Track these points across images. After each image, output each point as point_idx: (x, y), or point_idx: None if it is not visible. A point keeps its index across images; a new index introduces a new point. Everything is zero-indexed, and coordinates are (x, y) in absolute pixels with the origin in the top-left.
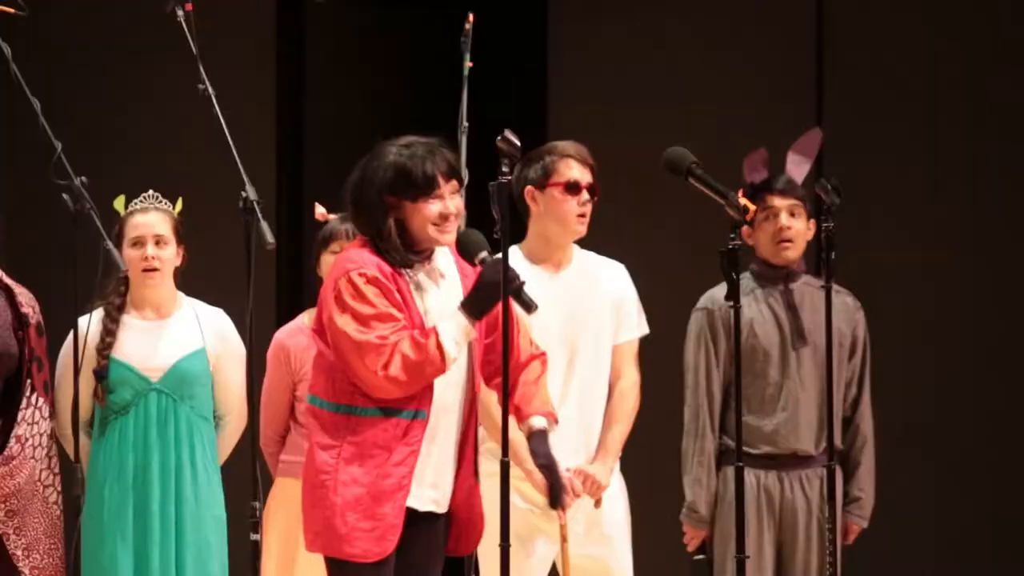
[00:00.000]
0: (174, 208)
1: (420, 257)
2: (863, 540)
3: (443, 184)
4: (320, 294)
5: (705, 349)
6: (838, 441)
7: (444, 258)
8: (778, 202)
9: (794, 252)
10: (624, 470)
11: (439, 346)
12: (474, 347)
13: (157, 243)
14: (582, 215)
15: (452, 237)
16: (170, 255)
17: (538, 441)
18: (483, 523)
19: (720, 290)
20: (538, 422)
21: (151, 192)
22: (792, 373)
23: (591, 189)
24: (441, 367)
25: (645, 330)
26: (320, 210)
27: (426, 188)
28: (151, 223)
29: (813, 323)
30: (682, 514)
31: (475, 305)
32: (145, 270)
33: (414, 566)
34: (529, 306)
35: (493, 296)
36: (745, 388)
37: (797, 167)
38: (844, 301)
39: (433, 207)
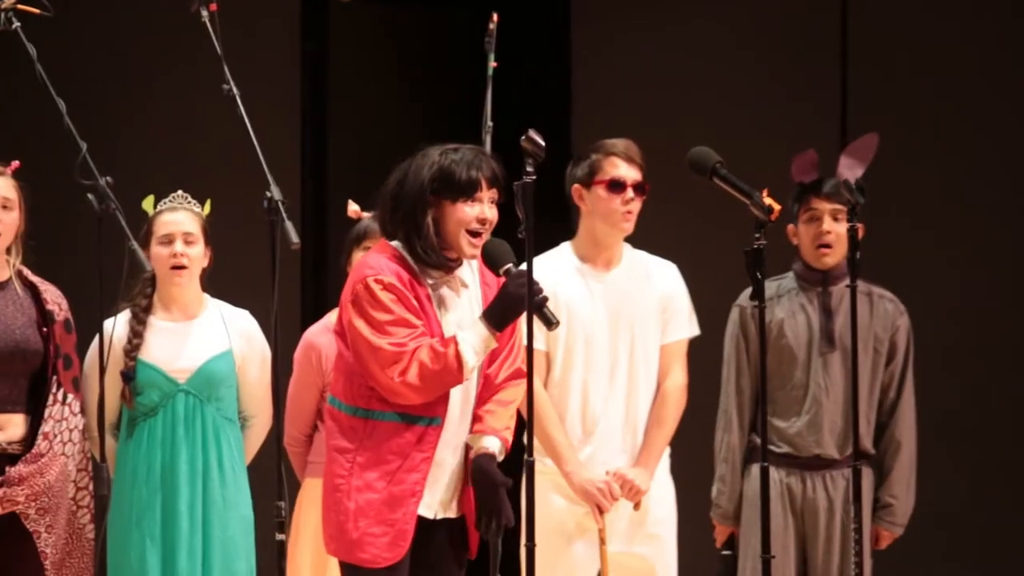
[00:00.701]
0: (203, 209)
1: (446, 263)
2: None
3: (484, 189)
4: (341, 296)
5: (736, 346)
6: (870, 446)
7: (466, 267)
8: (822, 206)
9: (833, 257)
10: (672, 468)
11: (458, 355)
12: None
13: (186, 241)
14: (628, 213)
15: (477, 252)
16: (198, 254)
17: (486, 460)
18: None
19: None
20: (490, 443)
21: (180, 192)
22: (817, 376)
23: (638, 187)
24: (459, 377)
25: (695, 331)
26: (353, 207)
27: (468, 190)
28: (180, 221)
29: (848, 327)
30: (711, 510)
31: (497, 316)
32: (174, 267)
33: (431, 570)
34: (550, 322)
35: (516, 308)
36: (773, 389)
37: (850, 171)
38: (884, 307)
39: (471, 210)
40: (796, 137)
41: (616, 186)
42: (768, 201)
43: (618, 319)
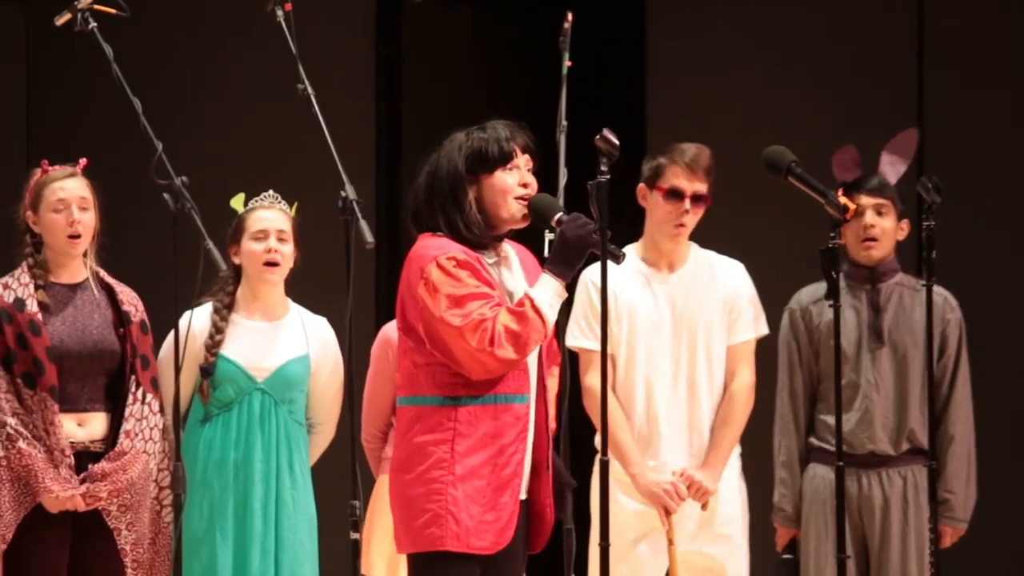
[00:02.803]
0: (291, 209)
1: (491, 239)
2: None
3: (519, 155)
4: (400, 291)
5: (788, 348)
6: (925, 442)
7: (507, 250)
8: (864, 200)
9: (878, 252)
10: (743, 469)
11: (536, 309)
12: None
13: (279, 239)
14: (680, 225)
15: (528, 215)
16: (289, 252)
17: (555, 457)
18: (552, 518)
19: (807, 290)
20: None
21: (271, 192)
22: (867, 373)
23: (698, 199)
24: (543, 331)
25: (763, 331)
26: None
27: (504, 159)
28: (274, 218)
29: (898, 323)
30: (773, 514)
31: (563, 263)
32: (267, 263)
33: (513, 551)
34: (617, 256)
35: (580, 249)
36: (825, 389)
37: (892, 167)
38: (935, 301)
39: (511, 177)
40: (871, 135)
41: (674, 195)
42: (843, 200)
43: (681, 320)
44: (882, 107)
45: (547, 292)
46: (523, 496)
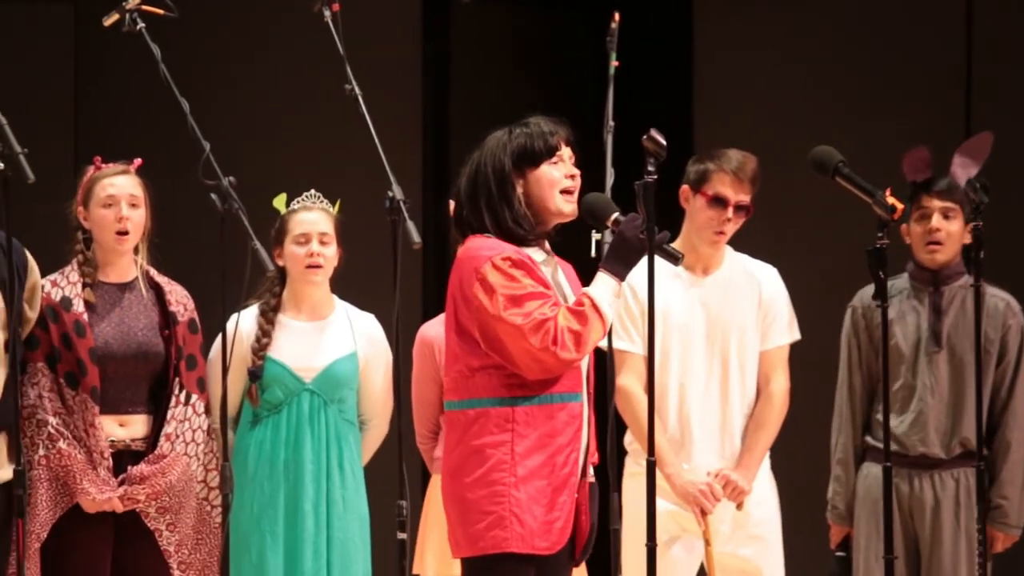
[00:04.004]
0: (334, 207)
1: (540, 235)
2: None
3: (563, 147)
4: (451, 294)
5: (849, 346)
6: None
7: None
8: (933, 203)
9: (943, 255)
10: (778, 470)
11: (595, 307)
12: None
13: (321, 241)
14: (720, 232)
15: (575, 208)
16: (332, 254)
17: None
18: (587, 523)
19: (869, 288)
20: None
21: (313, 191)
22: (923, 376)
23: (741, 208)
24: (602, 329)
25: (796, 336)
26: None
27: (548, 152)
28: (316, 220)
29: (958, 327)
30: (827, 511)
31: (620, 262)
32: (309, 267)
33: (564, 552)
34: (676, 258)
35: (638, 250)
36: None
37: (963, 169)
38: (995, 304)
39: (557, 170)
40: (919, 136)
41: (718, 203)
42: (891, 200)
43: (716, 324)
44: (930, 109)
45: (605, 291)
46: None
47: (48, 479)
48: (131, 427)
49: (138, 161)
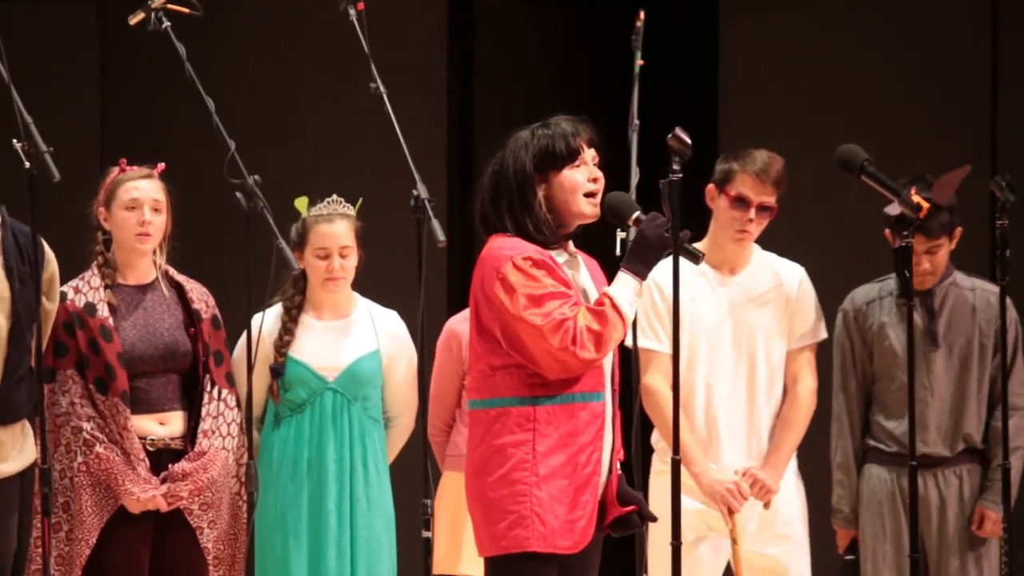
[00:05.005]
0: (354, 208)
1: (560, 238)
2: None
3: (585, 150)
4: (474, 293)
5: (843, 349)
6: (979, 441)
7: (574, 250)
8: (920, 245)
9: (933, 279)
10: (805, 469)
11: (615, 308)
12: None
13: (342, 255)
14: (744, 232)
15: (598, 210)
16: (352, 264)
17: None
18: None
19: (860, 291)
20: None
21: (334, 197)
22: (922, 376)
23: (764, 209)
24: (623, 330)
25: (822, 335)
26: None
27: (571, 156)
28: (337, 235)
29: (952, 325)
30: (832, 516)
31: (640, 261)
32: (329, 279)
33: (590, 552)
34: (697, 257)
35: (658, 249)
36: (880, 391)
37: (943, 191)
38: (987, 299)
39: (580, 174)
40: (944, 136)
41: (740, 203)
42: (916, 199)
43: (742, 323)
44: (955, 104)
45: (626, 291)
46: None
47: (91, 485)
48: (170, 425)
49: (161, 166)
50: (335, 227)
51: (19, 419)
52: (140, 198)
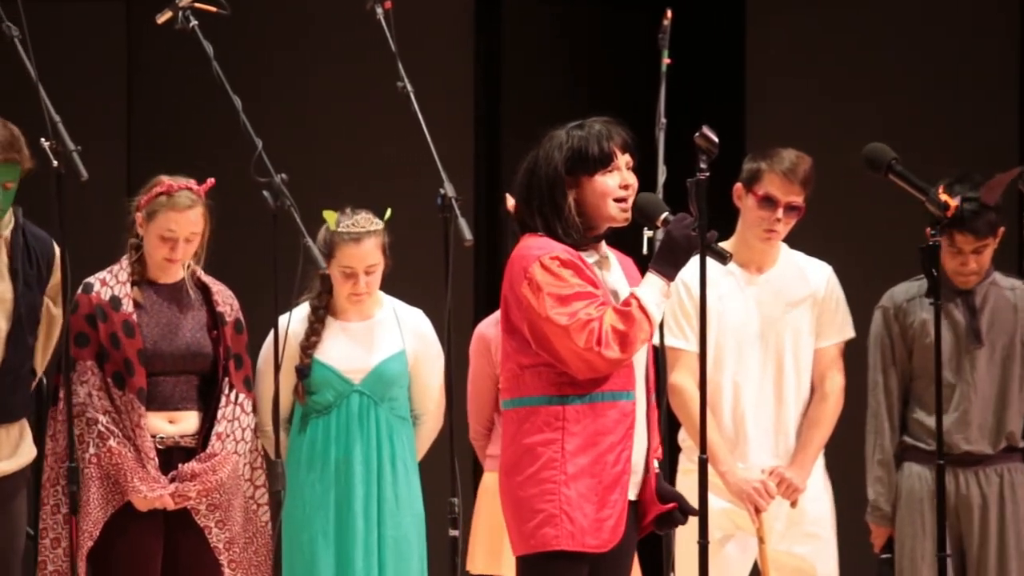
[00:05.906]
0: (383, 219)
1: (590, 241)
2: None
3: (619, 156)
4: (504, 292)
5: (881, 347)
6: (1022, 439)
7: (608, 253)
8: (967, 244)
9: (977, 278)
10: (832, 469)
11: (642, 309)
12: None
13: (367, 272)
14: (771, 231)
15: (629, 215)
16: (378, 279)
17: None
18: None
19: (899, 288)
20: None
21: (363, 215)
22: (965, 374)
23: (791, 208)
24: (649, 331)
25: (850, 334)
26: (512, 201)
27: (604, 161)
28: (364, 255)
29: (994, 323)
30: (867, 513)
31: (669, 263)
32: (353, 294)
33: (622, 551)
34: (724, 257)
35: (686, 250)
36: (921, 389)
37: (991, 192)
38: (1022, 296)
39: (612, 180)
40: (971, 133)
41: (768, 203)
42: (944, 198)
43: (770, 322)
44: (983, 100)
45: (653, 292)
46: (632, 496)
47: (99, 477)
48: (181, 423)
49: (210, 182)
50: (362, 248)
51: (16, 420)
52: (176, 232)
